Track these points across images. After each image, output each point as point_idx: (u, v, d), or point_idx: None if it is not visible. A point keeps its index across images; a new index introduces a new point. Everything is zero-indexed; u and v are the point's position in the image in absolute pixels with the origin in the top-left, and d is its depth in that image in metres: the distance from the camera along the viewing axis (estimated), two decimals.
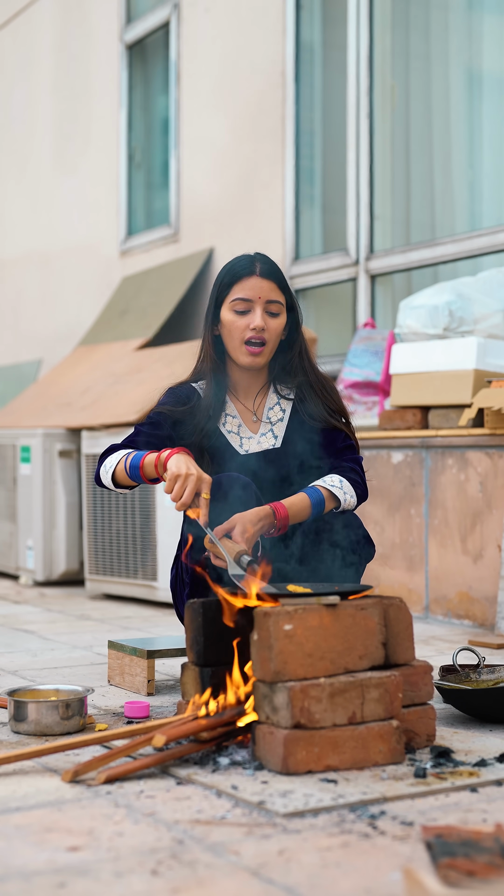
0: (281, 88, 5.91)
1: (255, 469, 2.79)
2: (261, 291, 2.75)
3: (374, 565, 4.48)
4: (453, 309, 4.36)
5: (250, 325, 2.74)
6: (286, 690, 2.06)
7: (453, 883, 1.45)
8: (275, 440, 2.84)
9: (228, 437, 2.83)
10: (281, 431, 2.85)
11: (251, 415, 2.87)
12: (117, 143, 7.45)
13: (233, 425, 2.85)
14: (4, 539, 5.85)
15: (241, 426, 2.85)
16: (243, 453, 2.82)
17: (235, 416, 2.86)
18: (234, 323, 2.76)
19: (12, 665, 3.33)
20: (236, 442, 2.83)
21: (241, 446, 2.83)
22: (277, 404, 2.88)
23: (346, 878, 1.56)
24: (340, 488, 2.71)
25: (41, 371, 8.00)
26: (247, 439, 2.84)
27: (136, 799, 1.95)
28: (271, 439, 2.84)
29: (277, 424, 2.86)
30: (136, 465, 2.65)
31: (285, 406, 2.88)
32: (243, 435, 2.84)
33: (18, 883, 1.55)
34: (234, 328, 2.76)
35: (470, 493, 4.12)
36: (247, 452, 2.82)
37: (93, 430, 5.22)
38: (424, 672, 2.28)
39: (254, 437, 2.84)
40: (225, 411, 2.85)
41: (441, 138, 5.38)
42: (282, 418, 2.87)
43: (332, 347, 5.61)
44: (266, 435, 2.85)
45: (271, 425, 2.86)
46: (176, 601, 2.88)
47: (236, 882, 1.56)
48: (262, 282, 2.75)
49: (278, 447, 2.83)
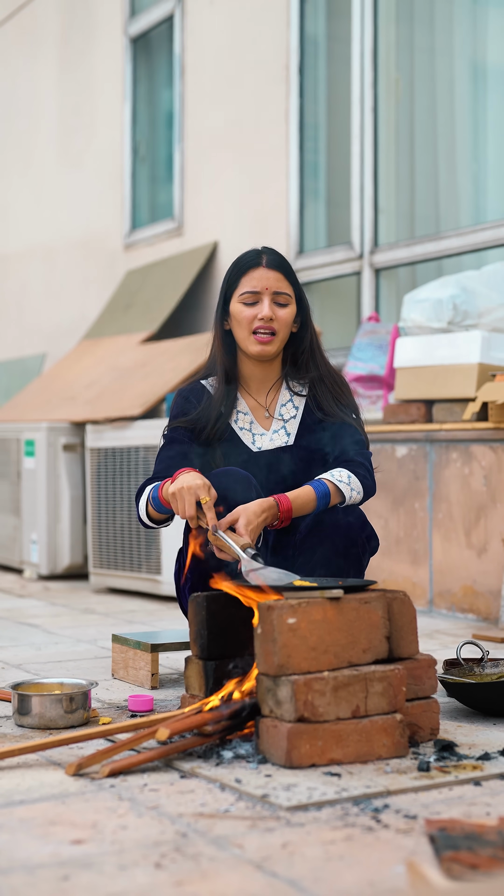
0: (285, 81, 5.90)
1: (267, 466, 2.79)
2: (268, 282, 2.76)
3: (377, 559, 4.47)
4: (457, 302, 4.35)
5: (258, 316, 2.75)
6: (290, 684, 2.06)
7: (456, 876, 1.45)
8: (287, 437, 2.83)
9: (241, 434, 2.82)
10: (294, 429, 2.84)
11: (263, 411, 2.86)
12: (121, 137, 7.45)
13: (244, 422, 2.84)
14: (9, 533, 5.85)
15: (253, 423, 2.84)
16: (255, 450, 2.81)
17: (247, 413, 2.85)
18: (243, 314, 2.77)
19: (16, 659, 3.34)
20: (248, 439, 2.82)
21: (253, 443, 2.82)
22: (290, 401, 2.87)
23: (350, 872, 1.57)
24: (347, 483, 2.69)
25: (45, 365, 8.00)
26: (259, 436, 2.83)
27: (139, 792, 1.95)
28: (284, 436, 2.83)
29: (290, 422, 2.85)
30: (157, 499, 2.67)
31: (298, 403, 2.87)
32: (255, 432, 2.83)
33: (23, 876, 1.56)
34: (242, 319, 2.77)
35: (474, 486, 4.12)
36: (259, 449, 2.81)
37: (97, 424, 5.22)
38: (428, 666, 2.28)
39: (266, 433, 2.84)
40: (237, 408, 2.84)
41: (445, 132, 5.37)
42: (294, 416, 2.86)
43: (336, 341, 5.61)
44: (279, 432, 2.84)
45: (284, 422, 2.85)
46: (179, 596, 2.88)
47: (240, 875, 1.56)
48: (269, 273, 2.77)
49: (291, 444, 2.82)
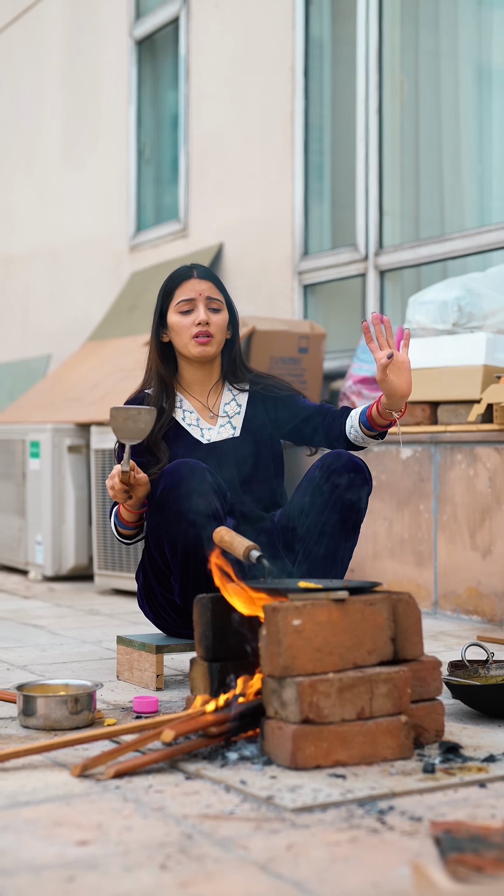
0: (290, 83, 5.90)
1: (219, 456, 2.97)
2: (200, 290, 2.99)
3: (383, 560, 4.47)
4: (462, 304, 4.35)
5: (195, 321, 2.96)
6: (295, 685, 2.06)
7: (462, 878, 1.45)
8: (234, 430, 3.02)
9: (189, 430, 3.00)
10: (239, 423, 3.04)
11: (207, 411, 3.04)
12: (126, 139, 7.45)
13: (191, 419, 3.02)
14: (13, 534, 5.86)
15: (200, 419, 3.02)
16: (206, 442, 2.99)
17: (192, 412, 3.03)
18: (181, 322, 2.98)
19: (21, 660, 3.34)
20: (197, 433, 3.00)
21: (202, 437, 3.00)
22: (234, 399, 3.07)
23: (355, 873, 1.57)
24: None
25: (50, 366, 8.01)
26: (207, 430, 3.01)
27: (144, 793, 1.95)
28: (230, 430, 3.02)
29: (235, 417, 3.05)
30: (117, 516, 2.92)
31: (241, 400, 3.07)
32: (203, 426, 3.01)
33: (28, 877, 1.56)
34: (181, 327, 2.98)
35: (479, 488, 4.12)
36: (209, 441, 2.99)
37: (102, 426, 5.22)
38: (433, 667, 2.28)
39: (213, 428, 3.02)
40: (182, 406, 3.02)
41: (450, 133, 5.37)
42: (238, 412, 3.05)
43: (340, 343, 5.61)
44: (225, 426, 3.03)
45: (229, 418, 3.04)
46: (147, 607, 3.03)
47: (245, 876, 1.56)
48: (201, 282, 3.00)
49: (237, 436, 3.01)
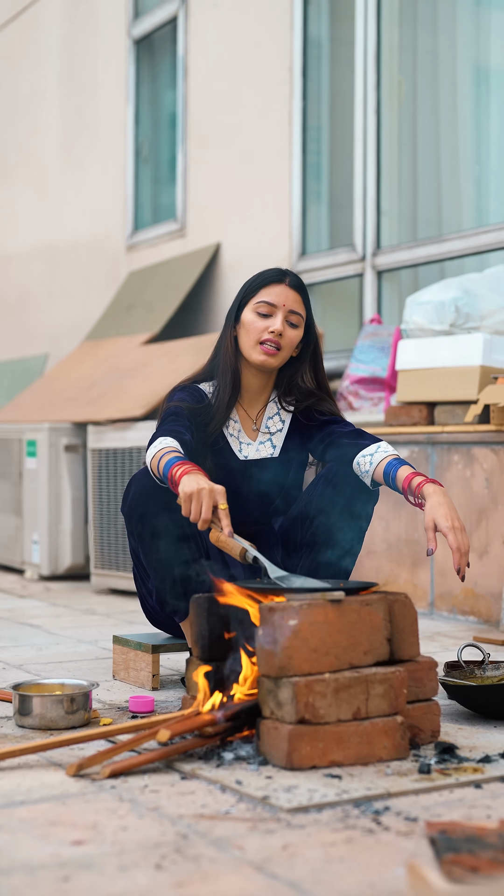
0: (288, 83, 5.90)
1: (252, 475, 2.86)
2: (286, 299, 2.82)
3: (379, 561, 4.47)
4: (460, 305, 4.35)
5: (269, 328, 2.80)
6: (291, 686, 2.06)
7: (457, 879, 1.45)
8: (273, 449, 2.92)
9: (229, 440, 2.89)
10: (280, 441, 2.92)
11: (251, 423, 2.93)
12: (124, 138, 7.45)
13: (234, 429, 2.90)
14: (10, 533, 5.85)
15: (241, 432, 2.91)
16: (241, 458, 2.88)
17: (237, 421, 2.91)
18: (254, 323, 2.82)
19: (17, 659, 3.34)
20: (235, 446, 2.89)
21: (239, 451, 2.89)
22: (277, 415, 2.95)
23: (350, 874, 1.57)
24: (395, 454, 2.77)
25: (47, 365, 8.01)
26: (245, 445, 2.91)
27: (140, 793, 1.95)
28: (269, 448, 2.91)
29: (276, 434, 2.93)
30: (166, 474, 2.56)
31: (285, 417, 2.95)
32: (242, 440, 2.90)
33: (23, 876, 1.56)
34: (252, 328, 2.82)
35: (475, 489, 4.12)
36: (245, 458, 2.88)
37: (99, 425, 5.22)
38: (429, 668, 2.28)
39: (252, 444, 2.91)
40: (230, 416, 2.89)
41: (448, 134, 5.37)
42: (281, 429, 2.94)
43: (338, 343, 5.61)
44: (265, 444, 2.92)
45: (270, 435, 2.93)
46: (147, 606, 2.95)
47: (240, 876, 1.56)
48: (290, 291, 2.83)
49: (276, 456, 2.90)
